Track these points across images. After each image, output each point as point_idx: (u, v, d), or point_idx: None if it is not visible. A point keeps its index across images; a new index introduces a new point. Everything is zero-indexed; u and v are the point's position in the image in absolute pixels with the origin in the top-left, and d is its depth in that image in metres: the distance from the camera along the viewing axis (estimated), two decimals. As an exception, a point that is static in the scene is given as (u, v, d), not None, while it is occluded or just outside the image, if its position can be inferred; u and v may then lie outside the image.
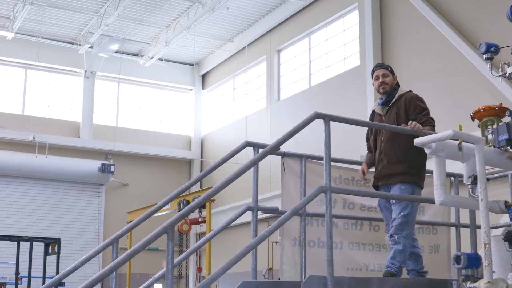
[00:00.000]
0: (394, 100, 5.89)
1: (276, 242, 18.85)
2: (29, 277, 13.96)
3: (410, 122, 5.52)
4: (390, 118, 5.83)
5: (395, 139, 5.72)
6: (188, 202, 14.41)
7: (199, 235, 20.50)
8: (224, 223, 5.62)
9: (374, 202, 6.80)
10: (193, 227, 14.70)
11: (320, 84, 17.89)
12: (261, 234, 4.57)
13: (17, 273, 14.34)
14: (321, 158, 6.48)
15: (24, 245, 15.05)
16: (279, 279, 15.94)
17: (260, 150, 5.79)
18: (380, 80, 5.95)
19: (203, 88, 24.07)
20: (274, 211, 5.92)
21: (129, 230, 5.32)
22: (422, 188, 5.93)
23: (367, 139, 6.23)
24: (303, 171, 6.24)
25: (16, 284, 14.34)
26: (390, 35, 15.53)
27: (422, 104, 5.86)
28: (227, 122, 22.41)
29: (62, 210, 21.08)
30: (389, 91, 5.93)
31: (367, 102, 15.25)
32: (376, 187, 5.96)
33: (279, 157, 6.20)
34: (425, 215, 7.13)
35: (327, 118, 5.00)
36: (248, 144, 5.80)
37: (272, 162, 10.65)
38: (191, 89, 24.14)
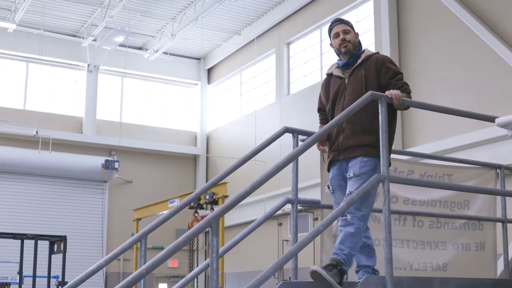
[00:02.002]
0: (360, 60, 4.88)
1: (287, 240, 18.32)
2: (34, 276, 13.40)
3: (388, 92, 4.55)
4: (356, 82, 4.80)
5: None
6: (199, 198, 13.86)
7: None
8: (263, 216, 5.07)
9: (418, 195, 6.28)
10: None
11: (332, 77, 17.32)
12: (315, 228, 4.04)
13: (20, 272, 13.77)
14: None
15: (27, 244, 14.51)
16: (289, 279, 15.35)
17: (300, 137, 5.27)
18: (341, 37, 4.90)
19: (208, 82, 23.54)
20: (315, 204, 5.38)
21: (158, 226, 4.76)
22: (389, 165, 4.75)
23: (320, 110, 5.16)
24: (344, 161, 5.69)
25: (20, 284, 13.77)
26: (407, 25, 14.96)
27: (395, 67, 4.88)
28: (233, 117, 21.88)
29: (64, 207, 20.57)
30: (352, 50, 4.90)
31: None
32: (331, 162, 4.89)
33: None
34: (471, 210, 6.60)
35: (383, 99, 4.47)
36: (287, 130, 5.25)
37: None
38: (197, 84, 23.60)
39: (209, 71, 23.52)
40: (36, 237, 13.73)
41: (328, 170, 4.99)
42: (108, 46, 20.11)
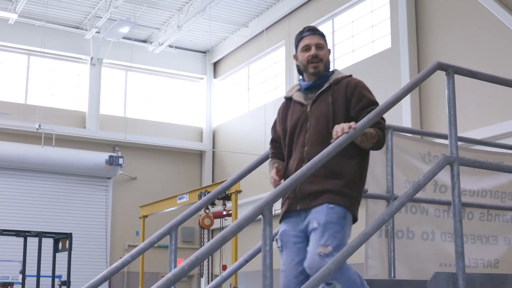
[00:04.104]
0: (328, 84, 3.82)
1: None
2: (38, 276, 12.83)
3: (335, 128, 3.51)
4: (321, 111, 3.76)
5: (327, 140, 3.54)
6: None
7: (223, 230, 19.34)
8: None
9: (468, 184, 5.72)
10: (216, 221, 13.52)
11: (345, 69, 16.73)
12: (378, 217, 3.47)
13: (24, 271, 13.19)
14: (408, 130, 5.47)
15: (31, 241, 13.94)
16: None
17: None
18: (313, 52, 3.81)
19: (214, 77, 22.99)
20: (364, 193, 4.80)
21: (187, 218, 4.21)
22: (356, 220, 3.72)
23: (274, 141, 4.03)
24: (390, 146, 5.14)
25: (23, 283, 13.19)
26: (426, 14, 14.37)
27: (370, 95, 3.81)
28: (241, 112, 21.32)
29: (67, 204, 20.02)
30: (322, 71, 3.84)
31: (401, 87, 14.13)
32: (285, 213, 3.79)
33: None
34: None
35: (451, 70, 3.92)
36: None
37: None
38: (203, 78, 23.03)
39: (215, 64, 22.97)
40: (40, 235, 13.13)
41: (280, 222, 3.87)
42: (112, 38, 19.53)
